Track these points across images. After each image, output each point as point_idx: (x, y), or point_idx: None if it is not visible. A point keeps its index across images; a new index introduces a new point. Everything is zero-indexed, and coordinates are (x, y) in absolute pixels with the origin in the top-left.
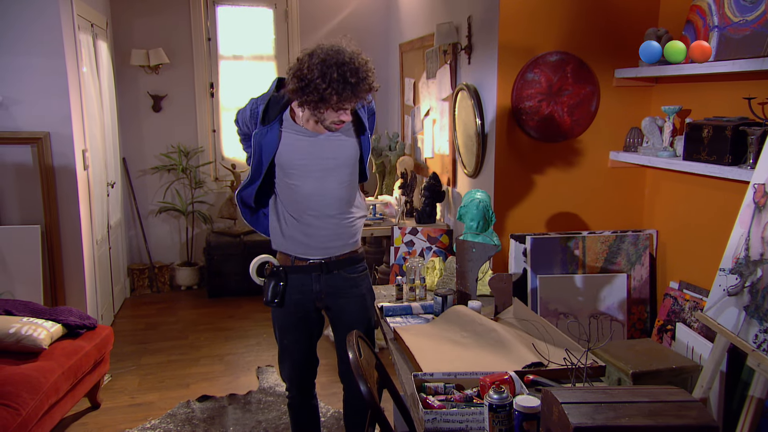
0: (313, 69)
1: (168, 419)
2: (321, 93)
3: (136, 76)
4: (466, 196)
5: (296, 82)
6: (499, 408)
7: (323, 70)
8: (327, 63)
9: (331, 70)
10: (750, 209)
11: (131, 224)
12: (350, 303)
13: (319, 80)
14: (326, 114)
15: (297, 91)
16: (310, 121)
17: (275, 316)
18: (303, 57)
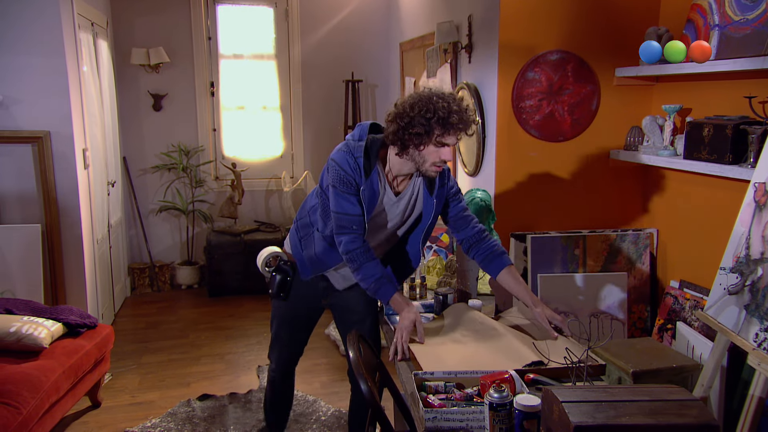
0: (415, 105)
1: (168, 418)
2: (426, 124)
3: (136, 75)
4: (466, 196)
5: (399, 121)
6: (500, 407)
7: (428, 103)
8: (430, 96)
9: (436, 101)
10: (750, 208)
11: (132, 223)
12: (357, 297)
13: (425, 111)
14: (426, 153)
15: (400, 129)
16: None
17: (276, 307)
18: (403, 102)
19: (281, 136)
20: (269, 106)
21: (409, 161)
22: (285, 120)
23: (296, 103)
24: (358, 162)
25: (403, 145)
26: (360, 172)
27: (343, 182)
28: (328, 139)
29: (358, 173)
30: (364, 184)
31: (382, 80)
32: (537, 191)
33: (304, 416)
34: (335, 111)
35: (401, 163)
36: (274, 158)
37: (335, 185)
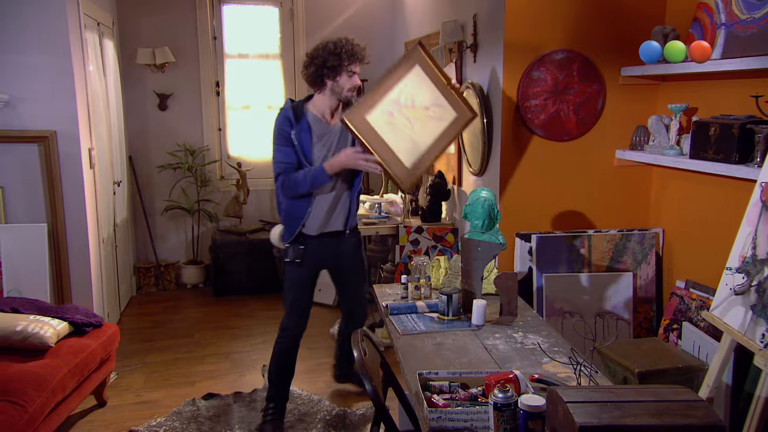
0: (322, 49)
1: (174, 417)
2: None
3: (142, 74)
4: (471, 195)
5: (313, 64)
6: (504, 407)
7: (330, 45)
8: (330, 41)
9: (337, 42)
10: (757, 208)
11: (138, 223)
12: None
13: (331, 50)
14: (342, 82)
15: (318, 69)
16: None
17: (292, 273)
18: (310, 51)
19: None
20: (274, 105)
21: (330, 95)
22: None
23: None
24: (287, 114)
25: (322, 81)
26: (290, 122)
27: (278, 135)
28: None
29: (287, 123)
30: (295, 128)
31: None
32: (542, 191)
33: (309, 416)
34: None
35: (325, 99)
36: None
37: (273, 142)
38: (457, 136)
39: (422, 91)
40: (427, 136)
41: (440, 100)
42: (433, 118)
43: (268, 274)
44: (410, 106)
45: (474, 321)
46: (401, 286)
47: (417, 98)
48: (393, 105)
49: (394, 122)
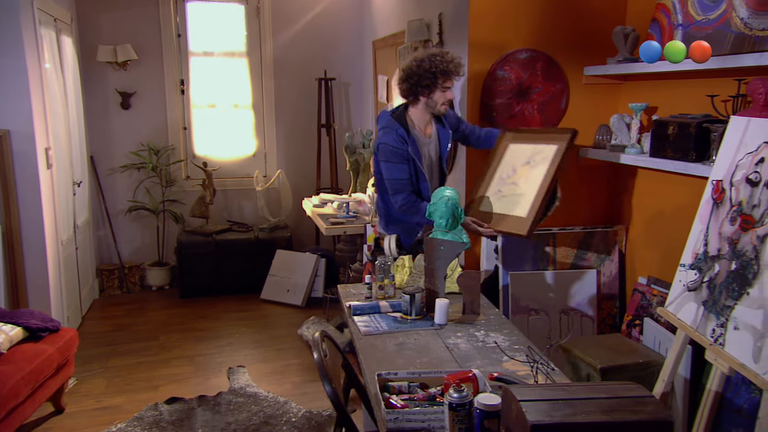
0: (417, 66)
1: (135, 422)
2: (431, 77)
3: (103, 72)
4: (435, 194)
5: (408, 80)
6: (459, 407)
7: (425, 63)
8: (426, 57)
9: (432, 59)
10: (709, 205)
11: (100, 224)
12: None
13: (426, 68)
14: (436, 98)
15: (413, 86)
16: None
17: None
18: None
19: (253, 135)
20: (241, 104)
21: (425, 108)
22: (257, 118)
23: (268, 102)
24: (400, 133)
25: (416, 98)
26: (405, 140)
27: (395, 155)
28: (300, 138)
29: (402, 141)
30: (410, 145)
31: (356, 78)
32: None
33: (274, 418)
34: (308, 109)
35: (420, 112)
36: (246, 157)
37: (388, 160)
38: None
39: (518, 155)
40: (533, 183)
41: (537, 148)
42: (535, 166)
43: (235, 275)
44: (512, 173)
45: (437, 320)
46: (365, 286)
47: (516, 163)
48: (498, 184)
49: (502, 194)
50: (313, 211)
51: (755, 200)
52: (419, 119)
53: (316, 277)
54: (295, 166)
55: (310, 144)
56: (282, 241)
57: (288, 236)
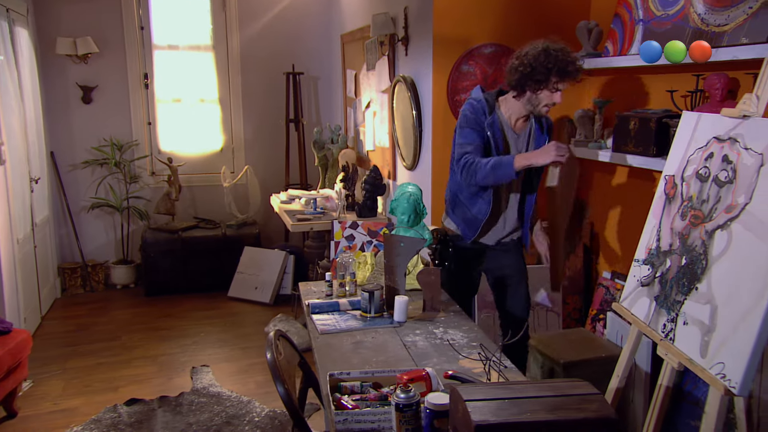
0: (537, 56)
1: (92, 425)
2: (546, 72)
3: (63, 66)
4: (397, 190)
5: (521, 69)
6: (406, 407)
7: (542, 56)
8: (545, 49)
9: (551, 53)
10: (661, 200)
11: (62, 221)
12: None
13: (542, 61)
14: (542, 96)
15: (523, 77)
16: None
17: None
18: (526, 53)
19: (221, 130)
20: (207, 98)
21: (525, 103)
22: (224, 113)
23: (236, 96)
24: (481, 104)
25: (522, 90)
26: (483, 111)
27: (468, 120)
28: (269, 133)
29: (481, 112)
30: (488, 119)
31: (324, 73)
32: None
33: (237, 418)
34: (276, 104)
35: (519, 105)
36: (213, 152)
37: (462, 126)
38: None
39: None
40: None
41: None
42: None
43: (202, 273)
44: None
45: (396, 318)
46: (326, 284)
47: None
48: None
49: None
50: (280, 207)
51: (704, 195)
52: (513, 110)
53: (284, 274)
54: (263, 161)
55: (279, 139)
56: (250, 238)
57: (256, 233)
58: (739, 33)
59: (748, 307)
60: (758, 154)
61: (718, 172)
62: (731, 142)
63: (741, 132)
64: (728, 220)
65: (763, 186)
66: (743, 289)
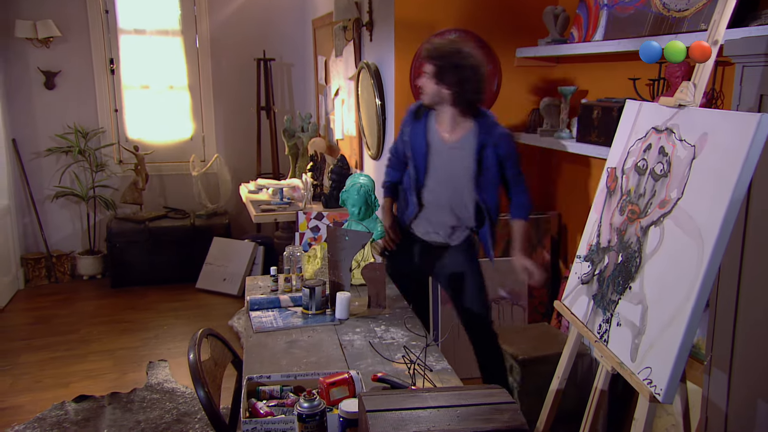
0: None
1: (35, 423)
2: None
3: (23, 49)
4: (348, 180)
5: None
6: (309, 418)
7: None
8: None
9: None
10: (603, 194)
11: (25, 211)
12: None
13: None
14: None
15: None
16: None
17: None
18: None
19: (191, 118)
20: (176, 85)
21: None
22: (194, 100)
23: (206, 83)
24: (410, 112)
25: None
26: (411, 116)
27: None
28: (240, 121)
29: (408, 118)
30: (410, 126)
31: (298, 59)
32: None
33: (188, 416)
34: (247, 91)
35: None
36: (183, 141)
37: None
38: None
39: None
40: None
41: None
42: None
43: (170, 264)
44: None
45: (337, 315)
46: (271, 278)
47: None
48: None
49: None
50: (247, 197)
51: (641, 189)
52: (439, 114)
53: (253, 266)
54: (235, 150)
55: (250, 127)
56: (220, 228)
57: (226, 223)
58: (698, 18)
59: (676, 309)
60: (691, 146)
61: (655, 164)
62: (668, 132)
63: (677, 122)
64: (661, 215)
65: (694, 180)
66: (672, 289)
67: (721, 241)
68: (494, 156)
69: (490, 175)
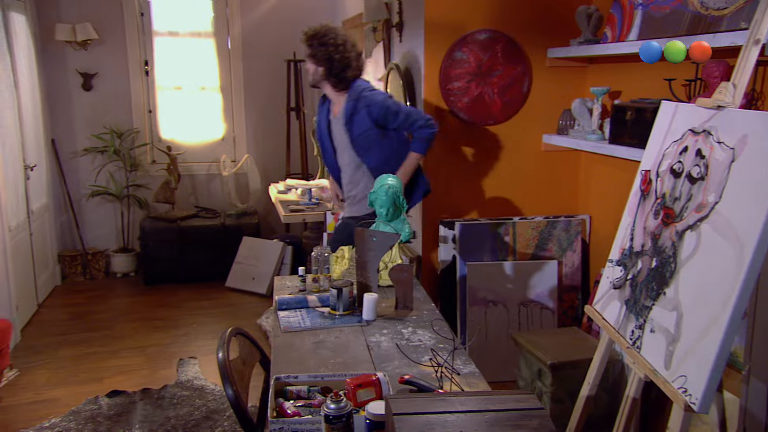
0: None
1: (70, 417)
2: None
3: (63, 52)
4: (377, 181)
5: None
6: (335, 419)
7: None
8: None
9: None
10: (636, 197)
11: (62, 209)
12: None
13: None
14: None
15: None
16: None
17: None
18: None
19: (222, 118)
20: (208, 86)
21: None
22: (225, 101)
23: (237, 84)
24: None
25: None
26: (318, 107)
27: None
28: (270, 122)
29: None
30: (318, 113)
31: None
32: (466, 177)
33: (217, 413)
34: (277, 92)
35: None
36: (214, 141)
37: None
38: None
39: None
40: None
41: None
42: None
43: (201, 263)
44: None
45: (364, 316)
46: (299, 279)
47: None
48: None
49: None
50: (276, 197)
51: (677, 192)
52: (328, 94)
53: (282, 265)
54: (265, 150)
55: (280, 128)
56: (250, 228)
57: (256, 223)
58: (738, 17)
59: (713, 316)
60: (730, 149)
61: (691, 167)
62: (705, 135)
63: (715, 124)
64: (698, 220)
65: (733, 184)
66: (709, 296)
67: (761, 246)
68: (369, 120)
69: (369, 138)
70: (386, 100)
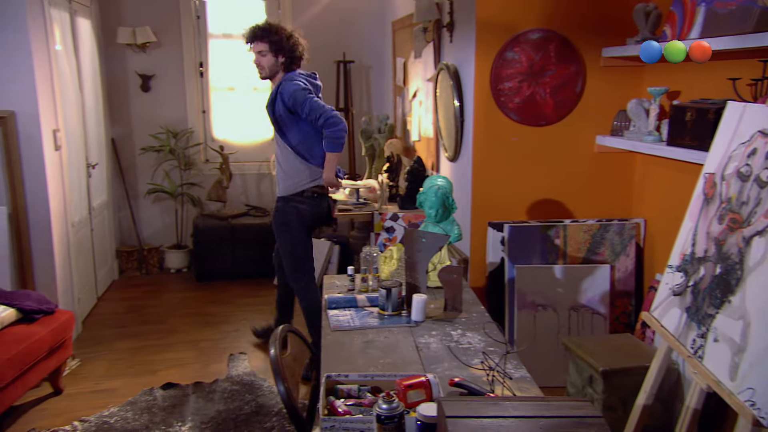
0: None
1: (128, 407)
2: None
3: (123, 54)
4: (426, 182)
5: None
6: (387, 419)
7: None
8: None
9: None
10: (699, 201)
11: (120, 206)
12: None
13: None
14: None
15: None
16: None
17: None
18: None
19: None
20: (260, 87)
21: None
22: None
23: None
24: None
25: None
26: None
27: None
28: None
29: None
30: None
31: (377, 61)
32: (516, 178)
33: (266, 408)
34: (327, 92)
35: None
36: (265, 141)
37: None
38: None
39: None
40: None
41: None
42: None
43: (251, 260)
44: None
45: (413, 317)
46: (348, 278)
47: None
48: None
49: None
50: None
51: (744, 197)
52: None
53: (329, 264)
54: None
55: None
56: None
57: None
58: None
59: None
60: None
61: (761, 171)
62: None
63: None
64: None
65: None
66: None
67: None
68: (282, 105)
69: (287, 121)
70: (297, 91)
